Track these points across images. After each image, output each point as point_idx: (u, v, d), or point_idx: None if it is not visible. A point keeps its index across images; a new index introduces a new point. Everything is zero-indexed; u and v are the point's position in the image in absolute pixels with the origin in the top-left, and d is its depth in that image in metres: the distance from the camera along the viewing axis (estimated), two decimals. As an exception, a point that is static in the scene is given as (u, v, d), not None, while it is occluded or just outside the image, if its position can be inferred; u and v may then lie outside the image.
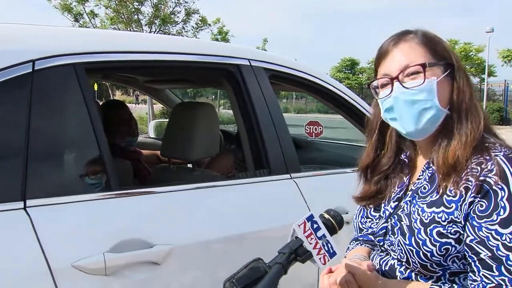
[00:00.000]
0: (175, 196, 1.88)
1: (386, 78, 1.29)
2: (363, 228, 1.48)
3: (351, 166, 2.73)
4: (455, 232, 1.18)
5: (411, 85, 1.24)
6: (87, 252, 1.54)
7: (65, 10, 20.36)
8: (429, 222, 1.21)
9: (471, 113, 1.25)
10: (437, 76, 1.24)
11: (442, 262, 1.20)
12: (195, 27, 22.06)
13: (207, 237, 1.85)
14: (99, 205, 1.67)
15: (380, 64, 1.32)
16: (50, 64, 1.63)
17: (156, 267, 1.68)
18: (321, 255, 1.22)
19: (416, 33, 1.29)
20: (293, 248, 1.21)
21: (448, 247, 1.19)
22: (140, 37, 2.58)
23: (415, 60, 1.25)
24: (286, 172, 2.23)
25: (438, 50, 1.28)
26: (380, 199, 1.41)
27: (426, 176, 1.30)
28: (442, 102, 1.24)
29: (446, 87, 1.26)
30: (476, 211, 1.16)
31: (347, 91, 2.71)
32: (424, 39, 1.28)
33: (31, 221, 1.48)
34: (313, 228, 1.23)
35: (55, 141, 1.67)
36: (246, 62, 2.24)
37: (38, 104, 1.59)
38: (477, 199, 1.16)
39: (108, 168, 1.72)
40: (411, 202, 1.30)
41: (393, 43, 1.30)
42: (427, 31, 1.32)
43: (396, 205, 1.35)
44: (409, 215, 1.27)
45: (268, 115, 2.23)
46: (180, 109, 2.92)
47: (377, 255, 1.40)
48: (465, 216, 1.17)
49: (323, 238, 1.23)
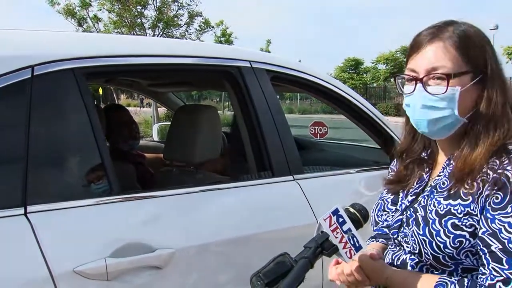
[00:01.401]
0: (177, 199, 1.87)
1: (412, 75, 1.27)
2: (379, 221, 1.48)
3: (355, 166, 2.73)
4: (470, 226, 1.18)
5: (433, 91, 1.22)
6: (88, 257, 1.53)
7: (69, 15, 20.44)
8: (445, 213, 1.21)
9: (500, 124, 1.22)
10: (463, 85, 1.21)
11: (455, 255, 1.20)
12: (199, 30, 22.10)
13: (209, 240, 1.84)
14: (100, 210, 1.66)
15: (412, 56, 1.28)
16: (49, 70, 1.63)
17: (158, 272, 1.67)
18: (347, 249, 1.23)
19: (455, 31, 1.23)
20: (319, 242, 1.21)
21: (462, 240, 1.18)
22: (140, 41, 2.57)
23: (444, 64, 1.21)
24: (289, 173, 2.22)
25: (473, 55, 1.22)
26: (404, 186, 1.41)
27: (446, 172, 1.30)
28: (462, 111, 1.22)
29: (472, 94, 1.23)
30: (491, 203, 1.15)
31: (350, 92, 2.69)
32: (460, 40, 1.22)
33: (31, 227, 1.47)
34: (339, 222, 1.23)
35: (56, 147, 1.66)
36: (247, 64, 2.23)
37: (38, 109, 1.58)
38: (494, 191, 1.15)
39: (110, 172, 1.72)
40: (428, 196, 1.30)
41: (429, 38, 1.25)
42: (468, 29, 1.25)
43: (413, 199, 1.35)
44: (424, 207, 1.28)
45: (270, 116, 2.22)
46: (182, 112, 2.92)
47: (390, 251, 1.41)
48: (481, 209, 1.17)
49: (349, 232, 1.23)
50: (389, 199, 1.47)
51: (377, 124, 2.76)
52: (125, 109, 3.30)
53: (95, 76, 2.44)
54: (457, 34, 1.23)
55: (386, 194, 1.49)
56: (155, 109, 16.98)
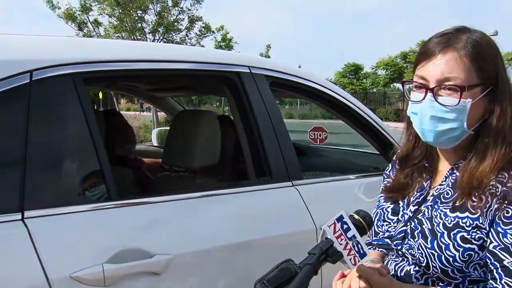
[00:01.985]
0: (175, 205, 1.87)
1: (421, 82, 1.24)
2: (379, 232, 1.44)
3: (354, 172, 2.72)
4: (479, 238, 1.17)
5: (444, 102, 1.19)
6: (86, 263, 1.52)
7: (69, 19, 20.48)
8: (453, 226, 1.20)
9: (510, 137, 1.20)
10: (474, 97, 1.19)
11: (464, 268, 1.19)
12: (199, 34, 22.14)
13: (208, 246, 1.84)
14: (98, 215, 1.65)
15: (421, 62, 1.25)
16: (48, 74, 1.63)
17: (156, 277, 1.67)
18: (351, 256, 1.22)
19: (468, 41, 1.20)
20: (323, 249, 1.21)
21: (471, 253, 1.17)
22: (139, 46, 2.58)
23: (458, 75, 1.18)
24: (288, 179, 2.21)
25: (486, 67, 1.20)
26: (405, 194, 1.38)
27: (449, 182, 1.29)
28: (470, 123, 1.21)
29: (481, 106, 1.22)
30: (502, 217, 1.14)
31: (349, 97, 2.69)
32: (474, 51, 1.19)
33: (29, 233, 1.47)
34: (343, 229, 1.22)
35: (54, 152, 1.65)
36: (247, 70, 2.23)
37: (36, 114, 1.58)
38: (504, 205, 1.14)
39: (107, 177, 1.71)
40: (432, 207, 1.28)
41: (441, 47, 1.22)
42: (482, 38, 1.23)
43: (416, 209, 1.33)
44: (430, 219, 1.26)
45: (269, 122, 2.21)
46: (181, 117, 2.92)
47: (392, 261, 1.38)
48: (490, 223, 1.16)
49: (353, 238, 1.22)
50: (389, 209, 1.43)
51: (376, 130, 2.75)
52: (119, 114, 3.30)
53: (94, 81, 2.44)
54: (471, 44, 1.20)
55: (385, 203, 1.46)
56: (155, 113, 16.97)
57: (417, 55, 1.28)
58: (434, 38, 1.25)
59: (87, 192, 1.70)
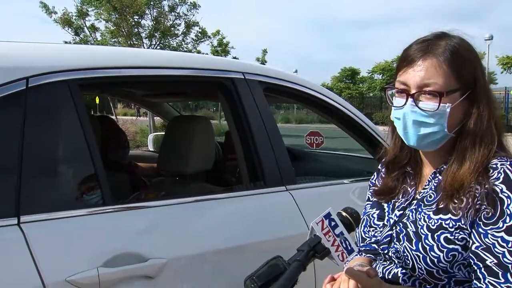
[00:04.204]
0: (170, 209, 1.89)
1: (403, 88, 1.27)
2: (366, 238, 1.46)
3: (348, 176, 2.74)
4: (462, 239, 1.20)
5: (424, 107, 1.23)
6: (81, 267, 1.54)
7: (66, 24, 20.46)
8: (437, 228, 1.23)
9: (486, 139, 1.24)
10: (453, 101, 1.23)
11: (449, 269, 1.21)
12: (195, 39, 22.14)
13: (202, 250, 1.86)
14: (93, 220, 1.68)
15: (402, 68, 1.29)
16: (44, 81, 1.65)
17: (150, 281, 1.68)
18: (339, 252, 1.24)
19: (447, 47, 1.25)
20: (311, 245, 1.23)
21: (455, 253, 1.20)
22: (134, 53, 2.60)
23: (436, 81, 1.22)
24: (281, 184, 2.23)
25: (464, 72, 1.24)
26: (392, 198, 1.41)
27: (432, 185, 1.32)
28: (451, 126, 1.25)
29: (460, 110, 1.25)
30: (482, 218, 1.17)
31: (343, 103, 2.71)
32: (453, 57, 1.23)
33: (24, 237, 1.48)
34: (331, 226, 1.25)
35: (49, 157, 1.67)
36: (240, 76, 2.25)
37: (32, 121, 1.60)
38: (483, 206, 1.17)
39: (103, 182, 1.73)
40: (416, 210, 1.31)
41: (421, 54, 1.25)
42: (460, 43, 1.26)
43: (401, 213, 1.36)
44: (415, 222, 1.29)
45: (262, 127, 2.24)
46: (175, 122, 2.94)
47: (380, 264, 1.41)
48: (471, 224, 1.19)
49: (341, 235, 1.25)
50: (374, 215, 1.45)
51: (370, 135, 2.78)
52: (112, 120, 3.32)
53: (89, 88, 2.45)
54: (449, 50, 1.24)
55: (371, 209, 1.48)
56: (152, 118, 16.97)
57: (398, 61, 1.33)
58: (414, 45, 1.29)
59: (82, 197, 1.72)
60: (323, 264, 1.30)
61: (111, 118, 3.43)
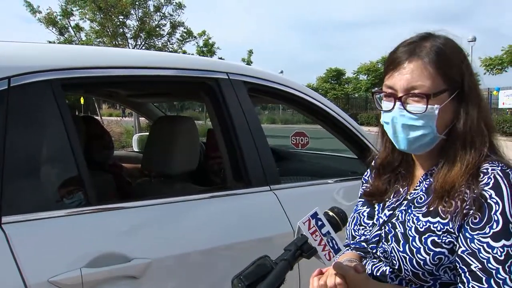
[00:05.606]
0: (153, 209, 1.89)
1: (390, 92, 1.27)
2: (356, 236, 1.47)
3: (333, 176, 2.76)
4: (449, 243, 1.20)
5: (412, 109, 1.23)
6: (63, 268, 1.53)
7: (50, 24, 20.29)
8: (424, 230, 1.23)
9: (477, 140, 1.23)
10: (441, 102, 1.22)
11: (434, 271, 1.22)
12: (181, 40, 22.07)
13: (186, 250, 1.86)
14: (76, 220, 1.67)
15: (389, 72, 1.28)
16: (26, 81, 1.64)
17: (134, 281, 1.68)
18: (326, 251, 1.25)
19: (432, 48, 1.24)
20: (298, 245, 1.24)
21: (441, 257, 1.20)
22: (118, 53, 2.59)
23: (423, 83, 1.21)
24: (265, 183, 2.24)
25: (450, 73, 1.23)
26: (383, 199, 1.41)
27: (423, 187, 1.32)
28: (440, 128, 1.24)
29: (449, 111, 1.25)
30: (470, 223, 1.17)
31: (328, 103, 2.73)
32: (438, 58, 1.22)
33: (6, 238, 1.47)
34: (318, 225, 1.26)
35: (32, 158, 1.66)
36: (225, 76, 2.26)
37: (14, 120, 1.59)
38: (472, 211, 1.17)
39: (86, 183, 1.73)
40: (406, 211, 1.31)
41: (406, 56, 1.25)
42: (445, 43, 1.26)
43: (390, 213, 1.36)
44: (403, 223, 1.29)
45: (246, 127, 2.25)
46: (159, 123, 2.94)
47: (370, 261, 1.41)
48: (458, 228, 1.19)
49: (328, 234, 1.26)
50: (365, 213, 1.45)
51: (353, 135, 2.80)
52: (96, 120, 3.31)
53: (73, 88, 2.44)
54: (434, 51, 1.23)
55: (361, 207, 1.48)
56: (137, 119, 16.88)
57: (385, 65, 1.32)
58: (401, 47, 1.28)
59: (65, 197, 1.71)
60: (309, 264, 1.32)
61: (96, 119, 3.41)
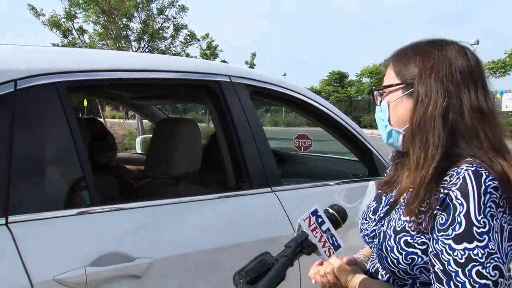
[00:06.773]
0: (156, 210, 1.92)
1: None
2: (362, 229, 1.49)
3: (334, 179, 2.78)
4: (423, 243, 1.20)
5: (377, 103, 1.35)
6: (68, 266, 1.56)
7: (54, 27, 20.35)
8: (400, 230, 1.24)
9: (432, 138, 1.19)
10: (393, 98, 1.30)
11: (409, 270, 1.23)
12: (184, 42, 22.10)
13: (188, 251, 1.89)
14: (80, 220, 1.70)
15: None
16: (32, 84, 1.67)
17: (137, 280, 1.71)
18: (326, 248, 1.28)
19: (393, 55, 1.34)
20: (298, 242, 1.27)
21: (414, 257, 1.21)
22: (122, 56, 2.62)
23: (386, 82, 1.34)
24: (267, 185, 2.27)
25: (404, 70, 1.28)
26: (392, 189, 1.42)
27: None
28: (397, 123, 1.30)
29: (404, 107, 1.27)
30: (437, 223, 1.16)
31: (328, 105, 2.76)
32: (396, 57, 1.33)
33: (12, 237, 1.51)
34: (318, 222, 1.29)
35: (38, 159, 1.69)
36: (227, 79, 2.29)
37: (21, 122, 1.62)
38: (439, 212, 1.16)
39: (90, 183, 1.76)
40: (398, 209, 1.32)
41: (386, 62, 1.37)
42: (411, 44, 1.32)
43: (387, 209, 1.39)
44: (389, 221, 1.31)
45: (248, 129, 2.27)
46: (162, 125, 2.97)
47: (371, 257, 1.46)
48: (431, 228, 1.18)
49: (328, 231, 1.29)
50: (371, 208, 1.47)
51: (355, 137, 2.82)
52: (99, 122, 3.33)
53: (77, 90, 2.48)
54: (397, 51, 1.34)
55: (372, 202, 1.50)
56: (140, 121, 16.91)
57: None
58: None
59: (70, 197, 1.74)
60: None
61: (99, 121, 3.44)
